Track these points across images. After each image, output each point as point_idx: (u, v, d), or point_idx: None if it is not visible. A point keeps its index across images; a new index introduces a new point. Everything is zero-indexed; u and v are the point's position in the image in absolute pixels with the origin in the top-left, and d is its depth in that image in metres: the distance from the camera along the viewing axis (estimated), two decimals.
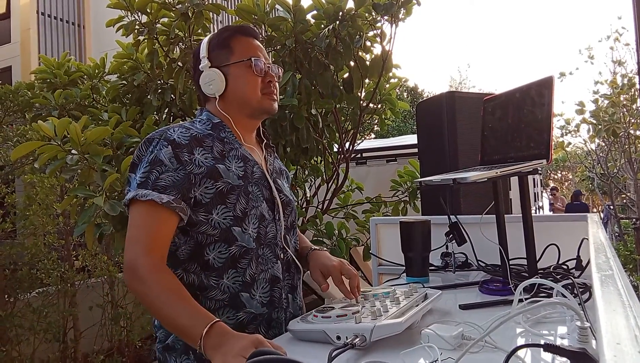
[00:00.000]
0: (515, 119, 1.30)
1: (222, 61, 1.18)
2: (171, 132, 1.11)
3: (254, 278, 1.12)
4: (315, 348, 0.92)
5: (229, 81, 1.18)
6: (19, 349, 3.43)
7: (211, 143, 1.14)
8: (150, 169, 1.06)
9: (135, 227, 1.03)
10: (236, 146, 1.17)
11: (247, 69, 1.17)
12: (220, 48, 1.20)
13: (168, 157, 1.07)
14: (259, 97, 1.18)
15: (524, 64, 48.84)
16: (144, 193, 1.03)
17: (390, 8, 2.46)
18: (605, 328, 0.47)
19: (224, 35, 1.21)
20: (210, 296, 1.09)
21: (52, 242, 3.88)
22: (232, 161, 1.14)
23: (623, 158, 7.02)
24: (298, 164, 3.06)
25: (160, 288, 0.98)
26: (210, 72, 1.17)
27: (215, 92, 1.18)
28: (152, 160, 1.07)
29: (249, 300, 1.11)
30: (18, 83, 3.47)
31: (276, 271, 1.16)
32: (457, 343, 0.85)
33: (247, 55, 1.18)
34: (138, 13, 2.53)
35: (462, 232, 1.45)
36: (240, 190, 1.12)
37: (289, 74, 2.55)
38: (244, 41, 1.21)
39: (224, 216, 1.09)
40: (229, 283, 1.10)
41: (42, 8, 9.66)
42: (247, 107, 1.19)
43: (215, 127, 1.18)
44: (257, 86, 1.18)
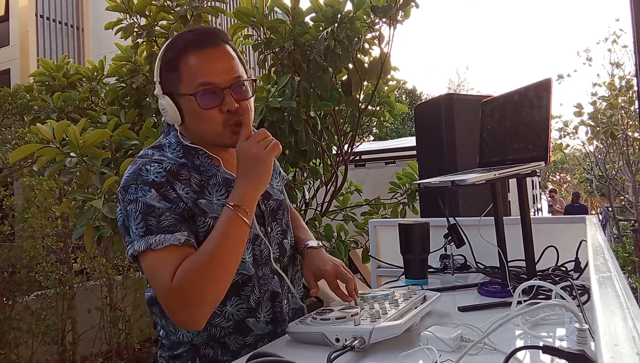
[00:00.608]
0: (514, 122, 1.30)
1: (173, 89, 1.02)
2: (145, 174, 0.98)
3: (258, 302, 1.08)
4: (314, 350, 0.92)
5: (184, 114, 1.02)
6: (18, 352, 3.42)
7: (188, 175, 1.02)
8: (144, 217, 0.95)
9: (157, 273, 0.93)
10: (213, 171, 1.06)
11: (200, 102, 0.99)
12: (168, 70, 1.02)
13: (157, 200, 0.96)
14: (220, 132, 1.01)
15: (522, 67, 48.97)
16: (157, 239, 0.93)
17: (388, 10, 2.47)
18: (603, 330, 0.47)
19: (169, 56, 1.02)
20: (214, 323, 1.04)
21: (51, 245, 3.88)
22: (212, 191, 1.03)
23: (621, 159, 7.03)
24: (297, 166, 3.06)
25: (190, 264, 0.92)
26: (162, 100, 1.02)
27: (173, 122, 1.04)
28: (142, 209, 0.95)
29: (255, 324, 1.07)
30: (17, 86, 3.48)
31: (274, 286, 1.12)
32: (456, 345, 0.85)
33: (195, 84, 0.98)
34: (137, 15, 2.53)
35: (461, 234, 1.45)
36: None
37: (287, 77, 2.55)
38: (193, 61, 0.99)
39: None
40: (233, 310, 1.05)
41: (41, 10, 9.66)
42: (209, 140, 1.05)
43: (187, 154, 1.05)
44: (214, 121, 1.00)
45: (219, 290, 0.95)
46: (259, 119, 2.51)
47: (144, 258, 0.95)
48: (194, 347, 1.06)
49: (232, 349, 1.06)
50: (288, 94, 2.54)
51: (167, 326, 1.07)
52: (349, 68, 2.71)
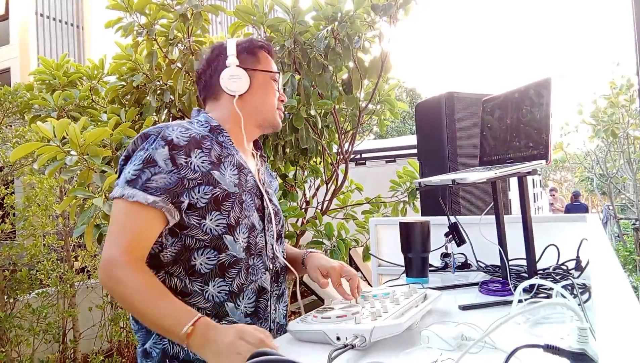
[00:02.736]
0: (514, 120, 1.30)
1: (250, 65, 1.19)
2: (169, 132, 1.06)
3: (242, 288, 1.09)
4: (315, 348, 0.92)
5: (253, 85, 1.18)
6: (19, 350, 3.43)
7: (209, 146, 1.11)
8: (142, 168, 1.02)
9: (117, 226, 1.01)
10: (233, 151, 1.15)
11: (271, 81, 1.21)
12: (248, 53, 1.21)
13: (163, 158, 1.03)
14: (275, 111, 1.22)
15: (524, 65, 48.91)
16: (130, 192, 1.00)
17: (388, 9, 2.46)
18: (604, 329, 0.47)
19: (253, 44, 1.23)
20: (192, 303, 1.05)
21: (52, 243, 3.88)
22: (227, 168, 1.11)
23: (622, 158, 7.03)
24: (297, 164, 3.06)
25: (137, 286, 0.95)
26: (237, 70, 1.17)
27: (237, 90, 1.17)
28: (146, 158, 1.03)
29: (233, 310, 1.08)
30: (17, 84, 3.47)
31: (264, 282, 1.13)
32: (457, 344, 0.85)
33: (271, 69, 1.22)
34: (137, 14, 2.53)
35: (462, 233, 1.45)
36: (236, 198, 1.09)
37: (288, 75, 2.55)
38: (267, 56, 1.24)
39: (217, 222, 1.06)
40: (214, 291, 1.07)
41: (41, 9, 9.66)
42: (261, 116, 1.21)
43: (213, 130, 1.15)
44: (276, 99, 1.22)
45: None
46: None
47: (116, 204, 1.02)
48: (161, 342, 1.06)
49: None
50: (289, 92, 2.54)
51: None
52: (349, 67, 2.71)
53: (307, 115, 2.65)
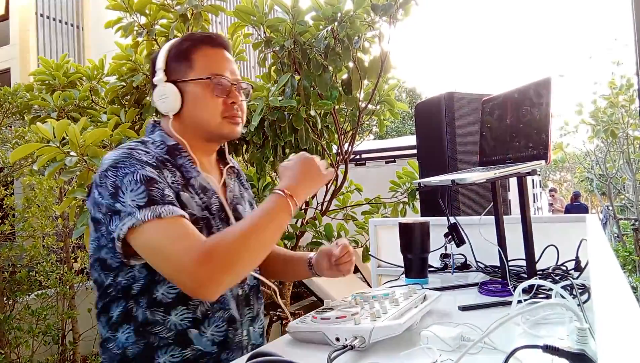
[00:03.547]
0: (514, 120, 1.30)
1: (180, 76, 1.05)
2: (138, 154, 0.97)
3: (206, 314, 1.02)
4: (314, 349, 0.92)
5: (186, 100, 1.05)
6: (18, 351, 3.42)
7: (173, 169, 1.03)
8: (147, 186, 0.91)
9: (176, 241, 0.88)
10: (194, 174, 1.06)
11: (206, 88, 1.04)
12: (179, 60, 1.06)
13: (156, 175, 0.95)
14: (219, 122, 1.06)
15: (523, 65, 48.97)
16: (167, 209, 0.90)
17: (388, 9, 2.46)
18: (604, 330, 0.47)
19: (184, 46, 1.07)
20: (155, 332, 0.99)
21: (51, 244, 3.88)
22: (193, 192, 1.03)
23: (622, 158, 7.03)
24: None
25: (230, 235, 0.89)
26: (165, 87, 1.05)
27: (169, 111, 1.05)
28: (141, 178, 0.92)
29: (197, 337, 1.01)
30: (17, 85, 3.47)
31: (233, 312, 1.06)
32: (457, 345, 0.85)
33: (208, 72, 1.05)
34: (137, 14, 2.53)
35: (461, 233, 1.45)
36: (204, 223, 1.01)
37: (287, 76, 2.55)
38: (208, 54, 1.08)
39: None
40: (177, 320, 1.00)
41: (41, 9, 9.67)
42: (204, 132, 1.07)
43: (170, 152, 1.05)
44: (217, 109, 1.05)
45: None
46: (259, 118, 2.51)
47: (150, 229, 0.88)
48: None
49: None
50: (288, 93, 2.54)
51: (107, 334, 1.03)
52: (349, 67, 2.71)
53: (306, 115, 2.65)
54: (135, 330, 0.99)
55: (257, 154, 2.80)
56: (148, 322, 0.99)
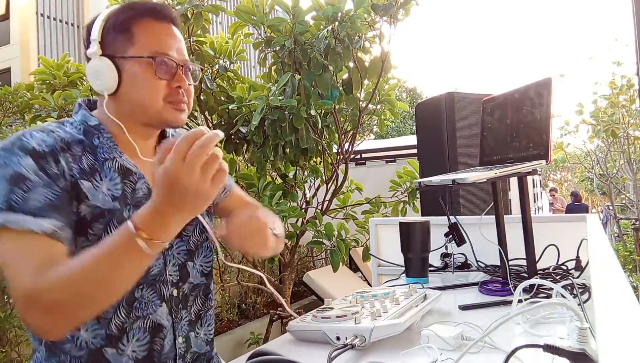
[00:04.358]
0: (515, 120, 1.30)
1: (118, 50, 0.89)
2: (27, 139, 0.81)
3: (122, 329, 0.86)
4: (314, 348, 0.92)
5: (123, 79, 0.89)
6: (19, 350, 3.42)
7: (80, 153, 0.87)
8: (11, 188, 0.76)
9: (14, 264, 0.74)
10: (114, 155, 0.90)
11: (148, 68, 0.89)
12: (117, 32, 0.90)
13: (32, 170, 0.79)
14: (160, 106, 0.90)
15: (524, 65, 48.95)
16: (16, 218, 0.74)
17: (389, 9, 2.46)
18: (604, 329, 0.47)
19: (124, 16, 0.91)
20: (65, 350, 0.85)
21: None
22: (104, 178, 0.87)
23: (622, 158, 7.03)
24: (297, 165, 3.07)
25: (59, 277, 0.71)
26: (99, 62, 0.89)
27: (104, 89, 0.90)
28: (11, 176, 0.77)
29: (116, 357, 0.86)
30: (17, 84, 3.48)
31: (158, 317, 0.90)
32: (457, 344, 0.85)
33: (150, 49, 0.89)
34: None
35: (462, 233, 1.45)
36: (111, 216, 0.85)
37: (288, 75, 2.55)
38: (151, 28, 0.91)
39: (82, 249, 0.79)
40: (88, 337, 0.85)
41: (42, 9, 9.67)
42: (143, 116, 0.92)
43: (88, 133, 0.90)
44: (158, 92, 0.90)
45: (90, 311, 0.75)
46: (259, 117, 2.51)
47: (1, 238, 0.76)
48: None
49: None
50: (289, 92, 2.54)
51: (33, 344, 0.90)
52: (349, 66, 2.71)
53: (307, 115, 2.65)
54: (45, 346, 0.87)
55: (257, 154, 2.80)
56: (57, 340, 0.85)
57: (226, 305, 4.46)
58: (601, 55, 14.07)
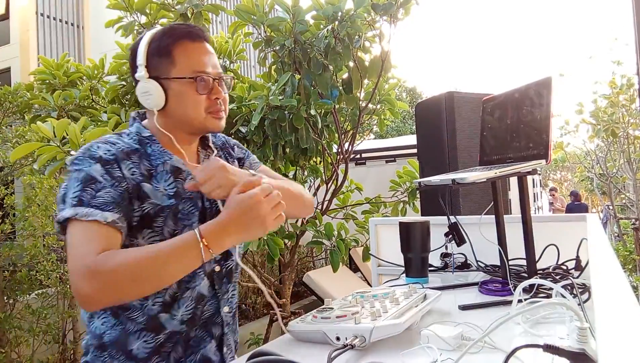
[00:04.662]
0: (515, 120, 1.30)
1: (162, 72, 1.05)
2: (95, 149, 0.99)
3: (174, 297, 1.03)
4: (314, 349, 0.92)
5: (169, 97, 1.05)
6: (19, 351, 3.43)
7: (138, 160, 1.03)
8: (83, 187, 0.94)
9: (79, 245, 0.90)
10: (165, 158, 1.06)
11: (190, 86, 1.04)
12: (160, 55, 1.05)
13: (100, 174, 0.96)
14: (203, 117, 1.07)
15: (524, 65, 48.96)
16: (85, 211, 0.91)
17: (389, 8, 2.46)
18: (604, 329, 0.47)
19: (166, 42, 1.05)
20: (132, 317, 1.01)
21: (52, 243, 3.88)
22: (160, 180, 1.04)
23: (622, 158, 7.02)
24: (297, 164, 3.07)
25: (126, 256, 0.88)
26: (147, 84, 1.04)
27: (154, 107, 1.05)
28: (83, 178, 0.95)
29: (168, 320, 1.03)
30: (17, 84, 3.48)
31: (202, 289, 1.07)
32: (457, 344, 0.85)
33: (191, 69, 1.04)
34: (137, 14, 2.53)
35: (462, 233, 1.45)
36: (170, 211, 1.02)
37: (288, 75, 2.55)
38: (189, 50, 1.06)
39: (150, 240, 0.99)
40: (151, 305, 1.01)
41: (42, 9, 9.67)
42: (189, 127, 1.08)
43: (142, 143, 1.07)
44: (200, 105, 1.05)
45: (135, 293, 0.92)
46: (259, 117, 2.51)
47: (70, 227, 0.92)
48: (102, 356, 1.02)
49: (138, 357, 1.01)
50: (288, 92, 2.54)
51: (84, 317, 1.07)
52: (349, 66, 2.71)
53: (307, 115, 2.65)
54: (112, 315, 1.02)
55: (257, 154, 2.80)
56: (127, 307, 1.01)
57: None
58: (601, 55, 14.06)
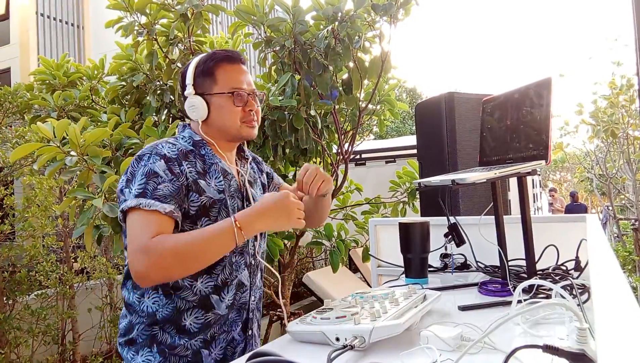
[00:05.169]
0: (514, 120, 1.30)
1: (206, 89, 1.26)
2: (161, 148, 1.18)
3: (225, 282, 1.22)
4: (314, 349, 0.92)
5: (211, 110, 1.26)
6: (18, 351, 3.42)
7: (194, 159, 1.22)
8: (147, 181, 1.11)
9: (139, 230, 1.07)
10: (216, 160, 1.26)
11: (229, 99, 1.25)
12: (204, 76, 1.27)
13: (162, 169, 1.13)
14: (239, 126, 1.27)
15: (523, 65, 48.96)
16: (147, 202, 1.08)
17: (389, 9, 2.46)
18: (603, 329, 0.47)
19: (209, 65, 1.27)
20: (182, 296, 1.18)
21: (51, 244, 3.88)
22: (212, 177, 1.23)
23: (622, 158, 7.02)
24: (297, 165, 3.06)
25: (176, 239, 1.05)
26: (194, 99, 1.26)
27: (199, 118, 1.26)
28: (147, 172, 1.12)
29: (218, 302, 1.21)
30: (17, 84, 3.48)
31: (243, 278, 1.26)
32: (456, 345, 0.85)
33: (229, 86, 1.26)
34: (137, 14, 2.53)
35: (461, 233, 1.45)
36: (222, 204, 1.21)
37: (287, 75, 2.55)
38: (228, 70, 1.27)
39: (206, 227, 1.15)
40: (202, 287, 1.19)
41: (42, 9, 9.66)
42: (227, 134, 1.28)
43: (196, 145, 1.26)
44: (237, 116, 1.26)
45: (180, 272, 1.09)
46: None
47: (131, 215, 1.10)
48: (151, 330, 1.18)
49: (190, 331, 1.18)
50: (288, 92, 2.54)
51: (132, 298, 1.21)
52: (349, 66, 2.71)
53: (307, 115, 2.65)
54: (164, 294, 1.17)
55: (257, 154, 2.80)
56: (178, 287, 1.17)
57: None
58: (601, 55, 14.06)
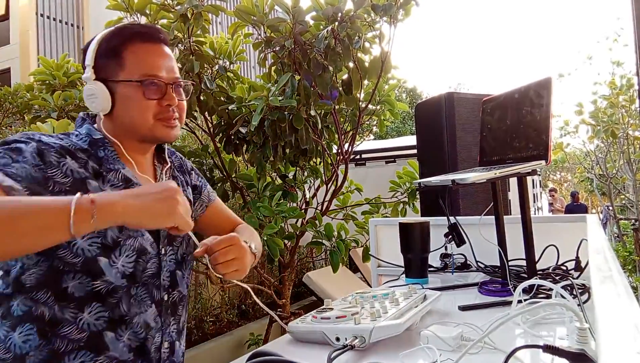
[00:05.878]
0: (514, 120, 1.30)
1: (110, 75, 0.97)
2: (34, 134, 0.91)
3: (123, 318, 0.93)
4: (314, 349, 0.92)
5: (116, 101, 0.97)
6: None
7: (85, 159, 0.94)
8: (3, 154, 0.84)
9: None
10: (117, 166, 0.97)
11: (138, 90, 0.96)
12: (108, 57, 0.97)
13: (30, 152, 0.85)
14: (151, 125, 0.98)
15: (523, 65, 48.97)
16: None
17: (389, 9, 2.46)
18: (604, 329, 0.47)
19: (114, 42, 0.97)
20: (63, 334, 0.88)
21: None
22: (107, 184, 0.94)
23: (622, 158, 7.02)
24: (297, 165, 3.07)
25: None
26: (93, 86, 0.96)
27: (99, 110, 0.98)
28: (9, 147, 0.85)
29: (113, 341, 0.91)
30: (17, 85, 3.48)
31: (148, 317, 0.96)
32: (457, 344, 0.85)
33: (140, 72, 0.96)
34: (137, 14, 2.53)
35: (461, 233, 1.45)
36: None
37: (287, 75, 2.55)
38: (140, 51, 0.98)
39: (90, 241, 0.88)
40: (91, 319, 0.89)
41: (42, 10, 9.67)
42: (136, 134, 0.99)
43: (93, 144, 0.97)
44: (149, 112, 0.97)
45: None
46: (259, 118, 2.51)
47: None
48: None
49: None
50: (288, 92, 2.54)
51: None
52: (349, 67, 2.71)
53: (307, 115, 2.65)
54: (38, 332, 0.88)
55: (257, 154, 2.80)
56: (56, 321, 0.88)
57: (226, 305, 4.46)
58: (601, 55, 14.06)
